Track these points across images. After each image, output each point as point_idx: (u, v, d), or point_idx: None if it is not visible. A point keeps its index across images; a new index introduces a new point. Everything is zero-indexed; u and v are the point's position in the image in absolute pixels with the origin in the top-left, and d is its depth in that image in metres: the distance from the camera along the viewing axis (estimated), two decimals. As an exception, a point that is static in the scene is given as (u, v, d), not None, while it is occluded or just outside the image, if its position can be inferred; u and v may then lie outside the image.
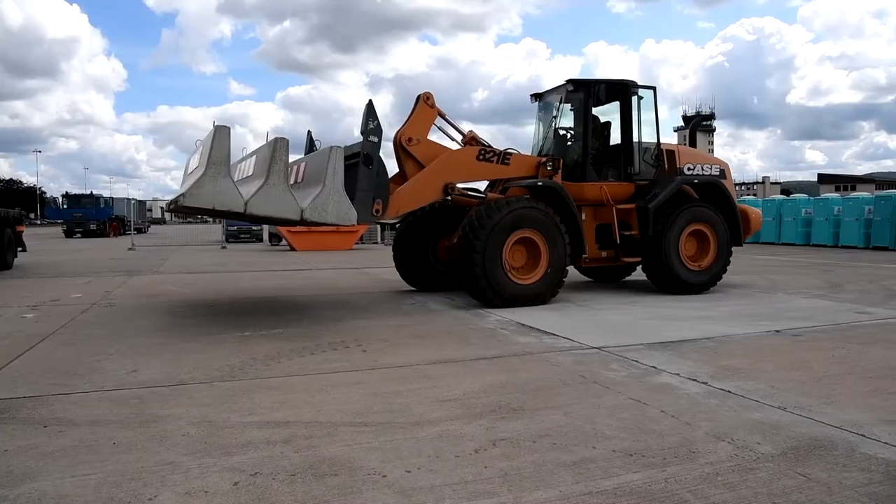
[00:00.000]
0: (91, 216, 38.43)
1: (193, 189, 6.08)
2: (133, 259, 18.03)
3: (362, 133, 7.63)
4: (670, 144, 10.12)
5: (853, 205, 22.13)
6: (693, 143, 10.73)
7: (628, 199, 9.48)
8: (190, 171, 7.69)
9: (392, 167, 8.33)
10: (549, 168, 8.92)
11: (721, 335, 6.15)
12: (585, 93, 9.37)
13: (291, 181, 7.21)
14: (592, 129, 9.51)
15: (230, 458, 3.06)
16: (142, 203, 55.75)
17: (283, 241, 24.15)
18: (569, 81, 9.38)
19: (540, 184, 8.68)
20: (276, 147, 6.51)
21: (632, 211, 9.34)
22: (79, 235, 37.60)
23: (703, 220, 9.57)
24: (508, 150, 9.03)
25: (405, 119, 8.64)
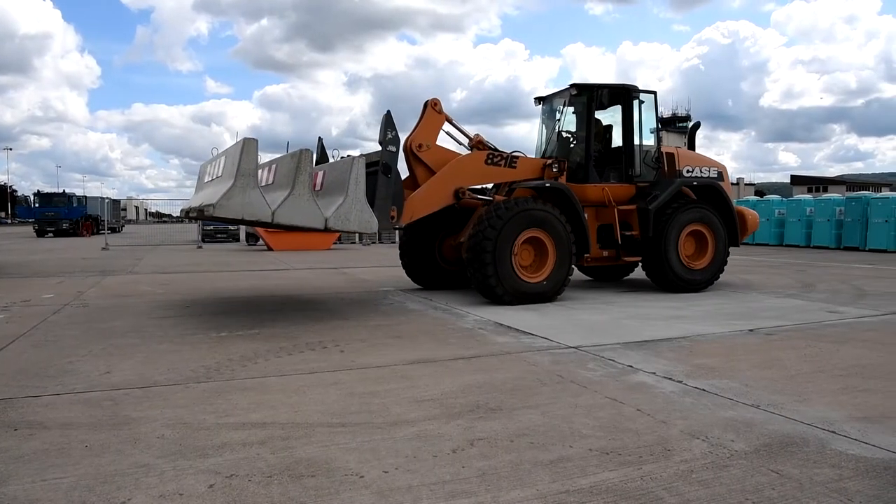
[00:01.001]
0: (63, 215, 37.81)
1: (223, 200, 6.27)
2: (107, 259, 17.77)
3: (380, 143, 7.87)
4: (670, 147, 10.42)
5: (825, 206, 22.54)
6: (692, 147, 11.04)
7: (629, 201, 9.71)
8: (208, 179, 7.99)
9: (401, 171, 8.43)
10: (554, 170, 9.18)
11: (696, 334, 6.23)
12: (588, 97, 9.61)
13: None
14: (595, 132, 9.76)
15: (206, 460, 3.03)
16: (116, 202, 54.95)
17: (260, 241, 23.96)
18: (573, 86, 9.69)
19: (548, 185, 8.92)
20: (301, 159, 6.73)
21: (633, 212, 9.57)
22: (51, 235, 36.97)
23: (702, 221, 9.83)
24: (515, 154, 9.26)
25: (414, 125, 8.85)
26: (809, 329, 6.55)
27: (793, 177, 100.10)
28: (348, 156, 7.94)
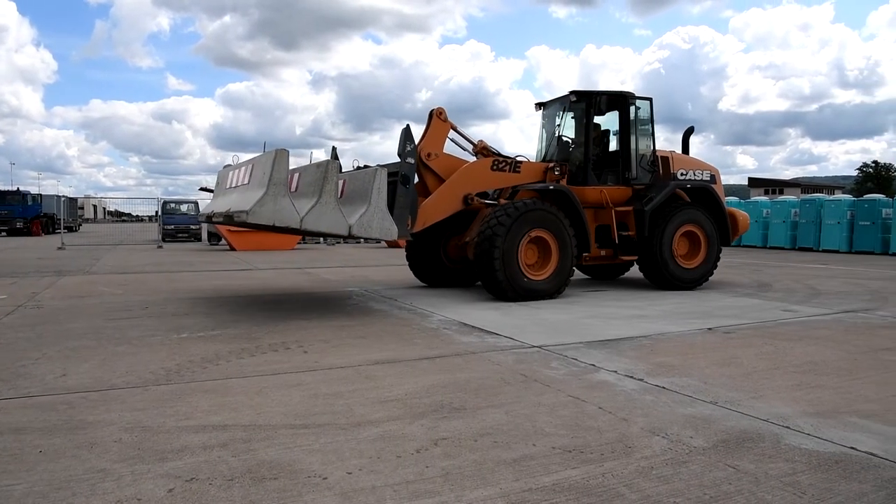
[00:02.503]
0: (17, 214, 36.66)
1: (256, 207, 6.72)
2: (63, 259, 17.29)
3: (399, 155, 8.37)
4: (665, 151, 10.77)
5: (780, 208, 23.15)
6: (686, 151, 11.41)
7: (626, 202, 10.12)
8: (231, 185, 8.52)
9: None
10: (556, 173, 9.64)
11: (657, 333, 6.33)
12: (587, 103, 9.96)
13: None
14: (593, 137, 10.13)
15: (165, 464, 2.97)
16: (73, 200, 53.46)
17: (223, 241, 23.61)
18: (572, 92, 10.08)
19: (551, 188, 9.36)
20: (329, 169, 7.21)
21: (629, 213, 10.00)
22: (3, 234, 35.85)
23: (695, 221, 10.26)
24: (518, 159, 9.69)
25: (421, 135, 9.23)
26: (765, 327, 6.72)
27: (750, 179, 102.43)
28: (366, 166, 8.63)
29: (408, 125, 8.50)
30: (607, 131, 10.60)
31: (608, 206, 9.85)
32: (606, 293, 9.66)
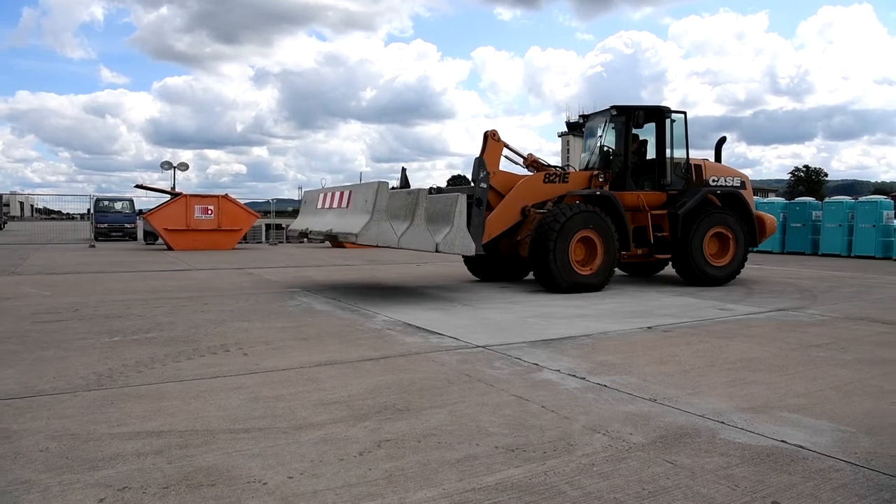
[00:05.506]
0: (-64, 211, 34.81)
1: (364, 230, 8.19)
2: (-14, 259, 16.46)
3: (473, 181, 9.76)
4: (698, 159, 11.74)
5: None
6: (718, 159, 12.24)
7: (661, 206, 11.09)
8: (325, 206, 10.01)
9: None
10: (601, 180, 10.80)
11: (598, 332, 6.45)
12: (627, 116, 10.95)
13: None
14: (632, 147, 11.13)
15: (95, 473, 2.85)
16: (-3, 197, 50.94)
17: (160, 240, 22.92)
18: (613, 107, 11.15)
19: (598, 193, 10.41)
20: (419, 196, 8.60)
21: (664, 216, 10.98)
22: (-79, 233, 33.92)
23: (724, 224, 11.19)
24: (566, 170, 11.04)
25: (478, 155, 10.24)
26: (702, 326, 6.93)
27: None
28: (439, 189, 10.33)
29: (482, 158, 9.88)
30: (645, 141, 11.53)
31: (645, 210, 10.82)
32: (549, 293, 9.78)
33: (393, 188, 9.15)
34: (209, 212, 21.43)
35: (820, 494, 2.69)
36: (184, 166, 36.47)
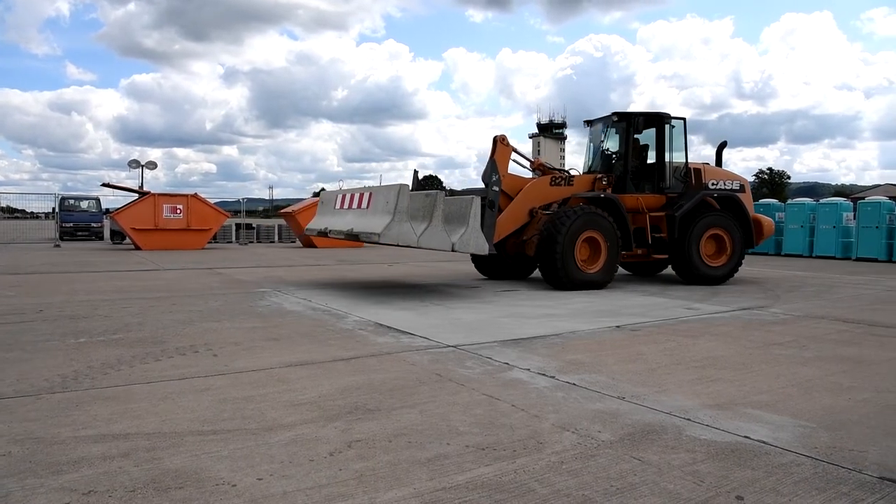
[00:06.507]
0: None
1: (385, 231, 8.60)
2: (-55, 259, 16.01)
3: (486, 183, 10.25)
4: (698, 164, 12.24)
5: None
6: (719, 163, 12.62)
7: (660, 208, 11.50)
8: (343, 207, 10.47)
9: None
10: (604, 183, 11.26)
11: (568, 331, 6.51)
12: (627, 122, 11.48)
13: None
14: (632, 152, 11.57)
15: (60, 478, 2.80)
16: (-43, 196, 49.60)
17: (127, 240, 22.53)
18: (614, 114, 11.57)
19: (602, 196, 10.83)
20: (437, 198, 8.99)
21: (662, 218, 11.37)
22: None
23: (720, 225, 11.57)
24: (571, 174, 11.41)
25: (488, 159, 10.60)
26: (669, 325, 7.04)
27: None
28: (453, 192, 10.60)
29: (494, 160, 10.34)
30: (646, 146, 11.91)
31: (643, 212, 11.25)
32: (520, 293, 9.86)
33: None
34: (178, 211, 21.15)
35: (781, 489, 2.76)
36: (152, 165, 35.93)
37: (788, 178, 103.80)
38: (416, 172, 11.49)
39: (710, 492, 2.72)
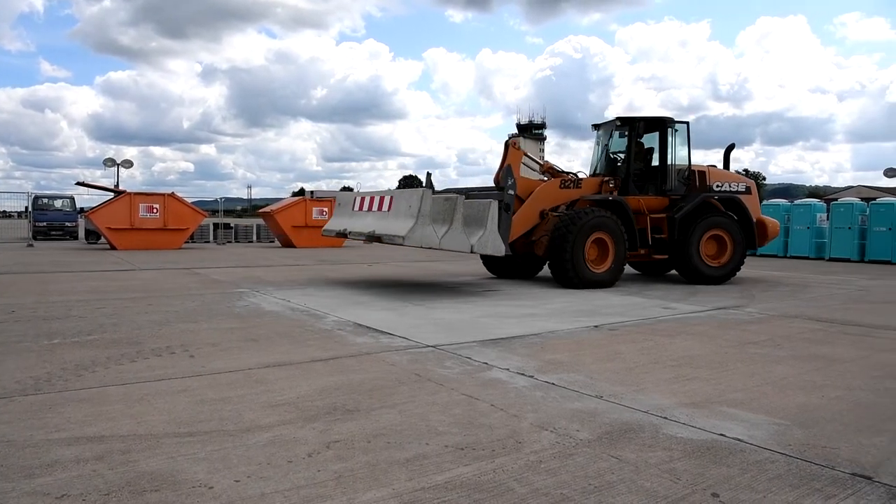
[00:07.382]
0: None
1: (410, 233, 9.02)
2: (-86, 259, 15.66)
3: (501, 188, 10.51)
4: (702, 166, 12.42)
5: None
6: (726, 165, 12.81)
7: (663, 210, 11.77)
8: (363, 209, 10.77)
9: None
10: (611, 186, 11.55)
11: (547, 331, 6.54)
12: (630, 126, 11.76)
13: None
14: (636, 155, 11.89)
15: (32, 481, 2.75)
16: (-74, 195, 48.54)
17: (102, 239, 22.22)
18: (618, 118, 11.97)
19: (610, 199, 11.18)
20: (458, 202, 9.38)
21: (664, 219, 11.66)
22: None
23: (721, 227, 11.82)
24: (579, 176, 11.82)
25: (500, 163, 11.18)
26: (647, 324, 7.10)
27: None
28: (469, 195, 10.42)
29: (509, 165, 10.67)
30: (651, 149, 12.15)
31: (645, 213, 11.52)
32: (501, 293, 9.89)
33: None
34: (154, 210, 20.90)
35: (756, 485, 2.80)
36: (128, 163, 35.53)
37: (764, 179, 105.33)
38: (428, 175, 11.70)
39: (686, 489, 2.75)
